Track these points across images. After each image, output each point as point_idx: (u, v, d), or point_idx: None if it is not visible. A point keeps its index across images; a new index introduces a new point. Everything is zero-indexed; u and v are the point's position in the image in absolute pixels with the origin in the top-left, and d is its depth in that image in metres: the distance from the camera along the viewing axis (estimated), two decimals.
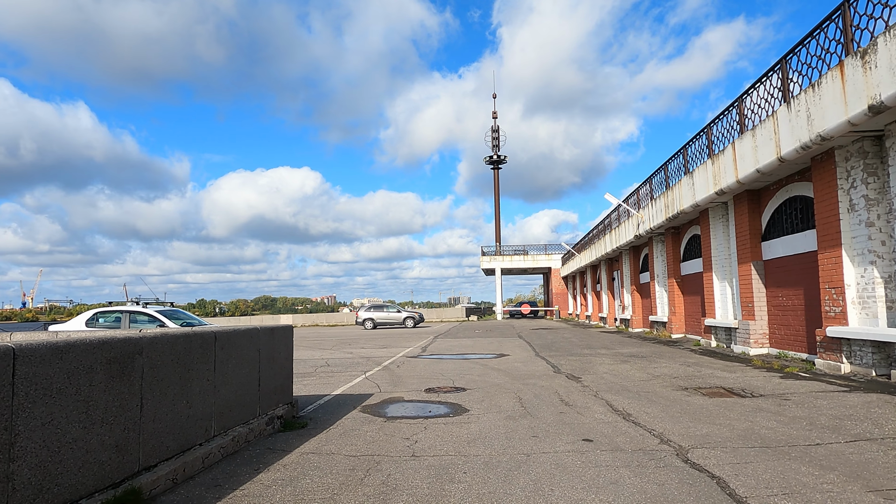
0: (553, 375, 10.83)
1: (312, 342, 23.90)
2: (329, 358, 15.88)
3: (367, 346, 20.58)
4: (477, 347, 18.43)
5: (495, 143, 60.81)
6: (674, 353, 14.74)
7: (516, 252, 54.71)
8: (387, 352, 17.47)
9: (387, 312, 38.30)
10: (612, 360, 13.24)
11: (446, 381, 10.39)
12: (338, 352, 18.09)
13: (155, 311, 12.64)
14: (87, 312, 12.83)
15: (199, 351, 4.83)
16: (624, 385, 9.33)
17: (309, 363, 14.50)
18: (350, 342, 22.99)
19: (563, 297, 53.23)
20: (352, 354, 16.85)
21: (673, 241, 20.01)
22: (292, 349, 7.05)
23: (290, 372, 6.97)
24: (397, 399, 8.53)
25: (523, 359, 14.20)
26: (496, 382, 10.03)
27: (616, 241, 26.88)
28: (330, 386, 10.15)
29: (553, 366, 12.47)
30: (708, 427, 6.02)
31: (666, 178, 18.28)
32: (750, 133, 11.73)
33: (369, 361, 14.49)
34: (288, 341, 6.92)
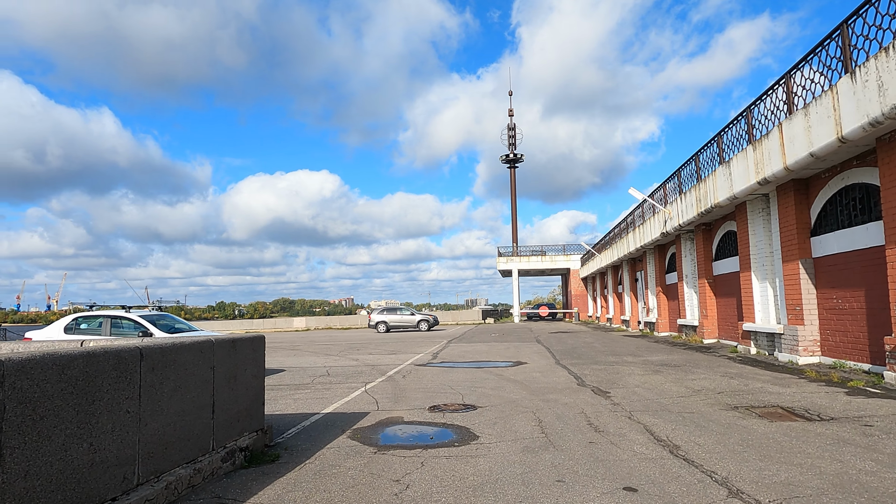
0: (577, 389, 9.50)
1: (320, 347, 22.79)
2: (331, 366, 14.70)
3: (376, 351, 19.39)
4: (492, 354, 17.13)
5: (511, 141, 59.41)
6: (710, 361, 13.29)
7: (534, 253, 53.24)
8: (394, 359, 16.26)
9: (400, 315, 37.14)
10: (643, 370, 11.85)
11: (455, 395, 9.12)
12: (343, 358, 16.92)
13: (139, 317, 11.57)
14: (67, 317, 11.82)
15: (112, 374, 3.63)
16: (661, 403, 7.97)
17: (308, 372, 13.33)
18: (359, 347, 21.84)
19: (583, 298, 51.61)
20: (356, 361, 15.66)
21: (704, 238, 18.50)
22: (263, 364, 5.84)
23: (261, 392, 5.75)
24: (395, 420, 7.28)
25: (542, 368, 12.87)
26: (512, 398, 8.73)
27: (640, 240, 25.37)
28: (322, 402, 8.94)
29: (576, 377, 11.13)
30: (786, 469, 4.67)
31: (697, 170, 16.81)
32: (801, 112, 10.29)
33: (373, 370, 13.27)
34: (257, 355, 5.71)
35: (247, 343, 5.49)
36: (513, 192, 59.45)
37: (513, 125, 59.93)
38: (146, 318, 11.67)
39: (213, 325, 55.96)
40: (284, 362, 16.20)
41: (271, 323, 54.41)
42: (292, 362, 16.11)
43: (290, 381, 11.78)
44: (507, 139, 59.56)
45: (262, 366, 5.81)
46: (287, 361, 16.45)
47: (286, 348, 22.80)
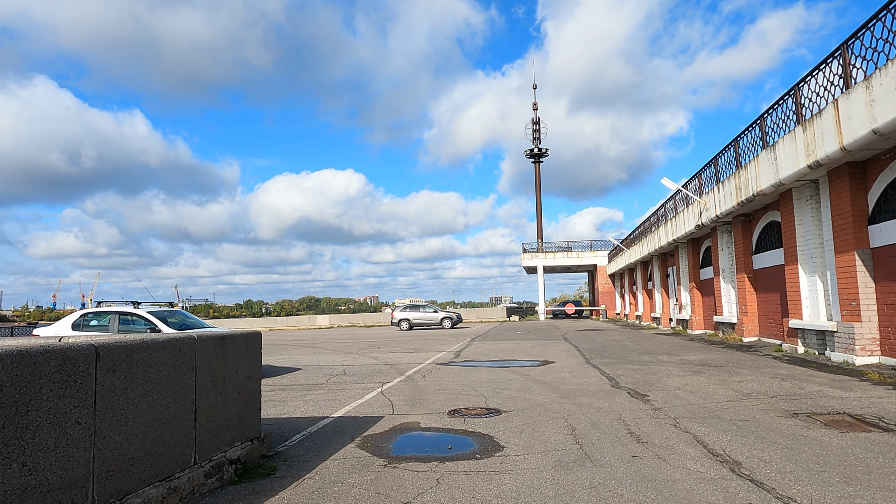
0: (611, 391, 8.67)
1: (341, 345, 22.27)
2: (349, 364, 14.09)
3: (397, 349, 18.75)
4: (517, 352, 16.33)
5: (536, 135, 58.25)
6: (754, 361, 12.29)
7: (559, 249, 52.12)
8: (415, 357, 15.58)
9: (423, 313, 36.52)
10: (681, 371, 10.94)
11: (477, 398, 8.38)
12: (362, 357, 16.31)
13: (147, 313, 11.11)
14: (75, 314, 11.42)
15: (56, 378, 2.99)
16: (709, 408, 7.11)
17: (324, 371, 12.73)
18: (380, 345, 21.24)
19: (610, 295, 50.33)
20: (376, 360, 15.03)
21: (743, 229, 17.39)
22: (259, 364, 5.19)
23: (256, 396, 5.10)
24: (411, 426, 6.58)
25: (572, 367, 12.04)
26: (540, 401, 7.95)
27: (672, 234, 24.24)
28: (334, 404, 8.28)
29: (609, 377, 10.29)
30: (882, 496, 3.82)
31: (737, 157, 15.74)
32: (861, 86, 9.26)
33: (392, 370, 12.61)
34: (252, 354, 5.05)
35: (238, 341, 4.83)
36: (537, 187, 58.31)
37: (537, 119, 58.78)
38: (155, 314, 11.19)
39: (236, 323, 56.21)
40: (302, 360, 15.66)
41: (295, 321, 54.37)
42: (310, 360, 15.56)
43: (304, 380, 11.18)
44: (532, 133, 58.43)
45: (258, 366, 5.15)
46: (305, 360, 15.91)
47: (306, 346, 22.34)
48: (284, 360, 15.77)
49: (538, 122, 58.69)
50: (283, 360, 16.07)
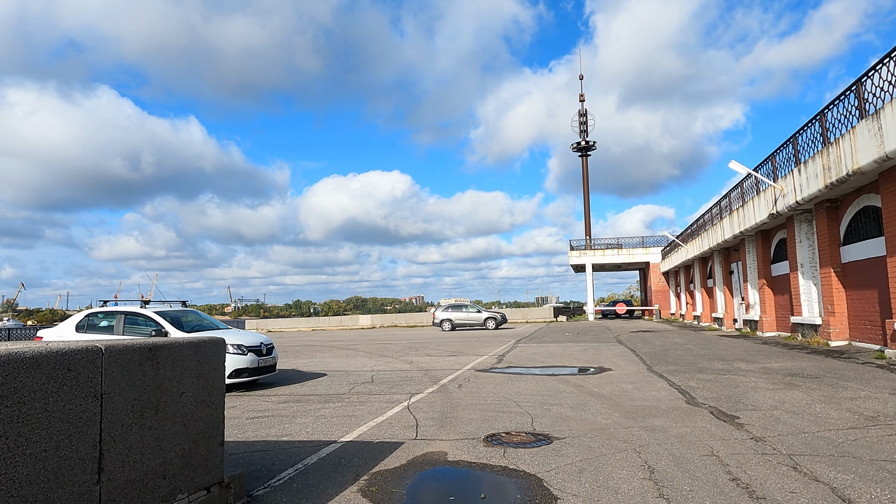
0: (689, 410, 6.99)
1: (377, 347, 21.06)
2: (380, 370, 12.77)
3: (435, 352, 17.36)
4: (567, 356, 14.66)
5: (583, 128, 55.80)
6: (857, 371, 10.26)
7: (609, 246, 49.66)
8: (453, 362, 14.13)
9: (466, 313, 35.05)
10: (769, 383, 9.09)
11: (521, 417, 6.85)
12: (396, 360, 14.99)
13: (155, 313, 10.07)
14: (80, 314, 10.51)
15: None
16: (830, 439, 5.37)
17: (350, 378, 11.44)
18: (417, 347, 19.90)
19: (664, 294, 47.55)
20: (410, 365, 13.66)
21: (829, 217, 15.15)
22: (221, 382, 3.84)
23: (215, 427, 3.75)
24: (435, 458, 5.12)
25: (633, 376, 10.33)
26: (600, 424, 6.36)
27: (738, 226, 21.95)
28: (349, 422, 6.92)
29: (681, 390, 8.56)
30: None
31: (823, 132, 13.58)
32: None
33: (425, 377, 11.19)
34: (209, 369, 3.70)
35: (183, 353, 3.48)
36: (585, 181, 55.90)
37: (584, 111, 56.32)
38: (163, 315, 10.15)
39: (281, 323, 56.22)
40: (330, 364, 14.45)
41: (337, 321, 53.89)
42: (339, 364, 14.34)
43: (324, 389, 9.91)
44: (579, 126, 56.01)
45: (219, 384, 3.80)
46: (333, 364, 14.71)
47: (341, 348, 21.24)
48: (312, 364, 14.62)
49: (585, 114, 56.25)
50: (312, 363, 14.92)
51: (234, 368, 9.59)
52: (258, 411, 7.94)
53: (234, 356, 9.62)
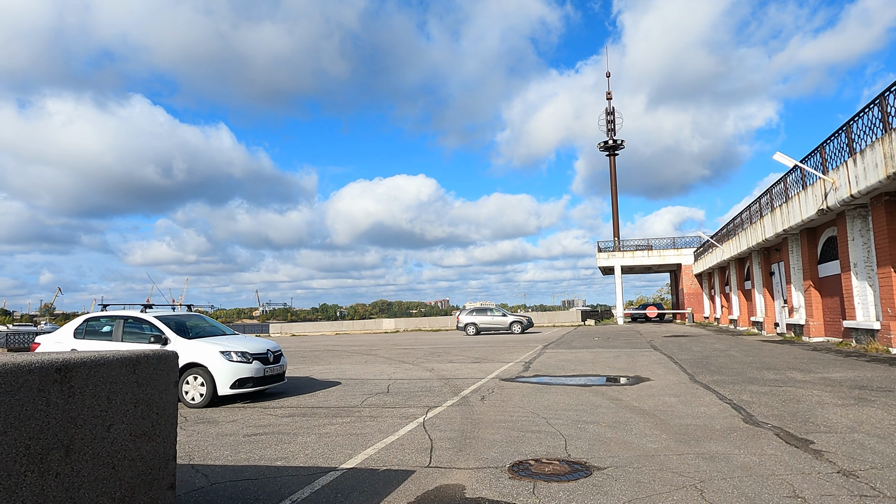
0: (750, 432, 5.97)
1: (398, 352, 20.26)
2: (398, 379, 11.93)
3: (457, 358, 16.46)
4: (599, 363, 13.62)
5: (610, 126, 54.31)
6: None
7: (638, 247, 48.10)
8: (477, 369, 13.22)
9: (491, 316, 34.06)
10: (836, 397, 7.96)
11: (553, 438, 5.92)
12: (416, 368, 14.14)
13: (156, 318, 9.41)
14: (78, 319, 9.92)
15: None
16: None
17: (365, 387, 10.62)
18: (440, 353, 19.03)
19: (697, 297, 45.80)
20: (430, 373, 12.79)
21: (888, 212, 13.83)
22: (169, 407, 3.02)
23: (162, 465, 2.94)
24: (450, 493, 4.24)
25: (675, 387, 9.28)
26: (646, 448, 5.39)
27: (780, 224, 20.56)
28: (355, 443, 6.08)
29: (734, 405, 7.52)
30: None
31: (884, 117, 12.32)
32: None
33: (445, 387, 10.31)
34: (147, 394, 2.89)
35: (112, 373, 2.67)
36: (613, 181, 54.42)
37: (611, 109, 54.81)
38: (166, 319, 9.48)
39: (305, 327, 55.97)
40: (346, 372, 13.67)
41: (360, 325, 53.36)
42: (355, 372, 13.55)
43: (335, 400, 9.10)
44: (606, 124, 54.54)
45: (168, 412, 3.00)
46: (350, 371, 13.92)
47: (361, 353, 20.50)
48: (327, 372, 13.86)
49: (612, 113, 54.74)
50: (327, 371, 14.17)
51: (238, 378, 8.85)
52: (258, 427, 7.17)
53: (237, 364, 8.89)
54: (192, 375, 8.84)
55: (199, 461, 5.54)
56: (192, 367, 8.89)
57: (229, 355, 8.91)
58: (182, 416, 8.17)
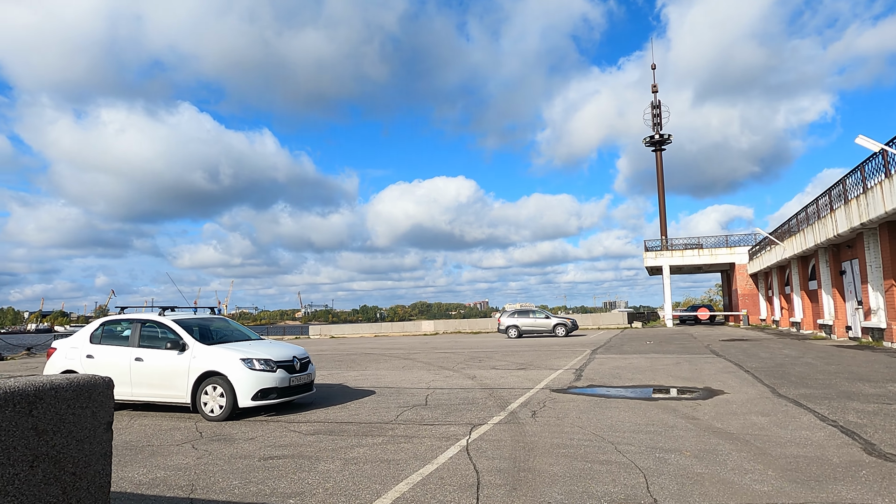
0: (881, 468, 4.69)
1: (437, 356, 19.28)
2: (437, 388, 10.92)
3: (501, 364, 15.35)
4: (659, 372, 12.29)
5: (656, 120, 52.05)
6: None
7: (687, 246, 45.84)
8: (523, 377, 12.08)
9: (534, 318, 32.73)
10: None
11: (627, 473, 4.78)
12: (457, 374, 13.11)
13: (174, 322, 8.67)
14: (95, 323, 9.28)
15: None
16: None
17: (401, 398, 9.64)
18: (482, 358, 17.95)
19: (752, 298, 43.27)
20: (472, 381, 11.73)
21: None
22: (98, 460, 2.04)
23: None
24: None
25: (758, 403, 7.94)
26: (754, 492, 4.19)
27: (858, 217, 18.64)
28: (385, 473, 5.06)
29: (843, 429, 6.19)
30: None
31: None
32: None
33: (490, 398, 9.24)
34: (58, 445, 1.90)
35: None
36: (659, 178, 52.15)
37: (657, 102, 52.54)
38: (185, 323, 8.73)
39: (344, 329, 55.73)
40: (383, 379, 12.75)
41: (399, 327, 52.69)
42: (392, 379, 12.62)
43: (367, 414, 8.15)
44: (652, 118, 52.31)
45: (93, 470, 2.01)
46: (386, 377, 12.99)
47: (400, 357, 19.60)
48: (362, 378, 12.97)
49: (658, 106, 52.46)
50: (362, 377, 13.28)
51: (260, 388, 8.00)
52: (277, 447, 6.26)
53: (259, 374, 8.04)
54: (212, 385, 8.03)
55: (202, 495, 4.65)
56: (212, 375, 8.09)
57: (251, 363, 8.07)
58: (198, 431, 7.36)
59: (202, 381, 8.11)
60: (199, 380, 8.11)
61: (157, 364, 8.34)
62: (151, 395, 8.41)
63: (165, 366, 8.29)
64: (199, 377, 8.09)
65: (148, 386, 8.37)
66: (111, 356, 8.65)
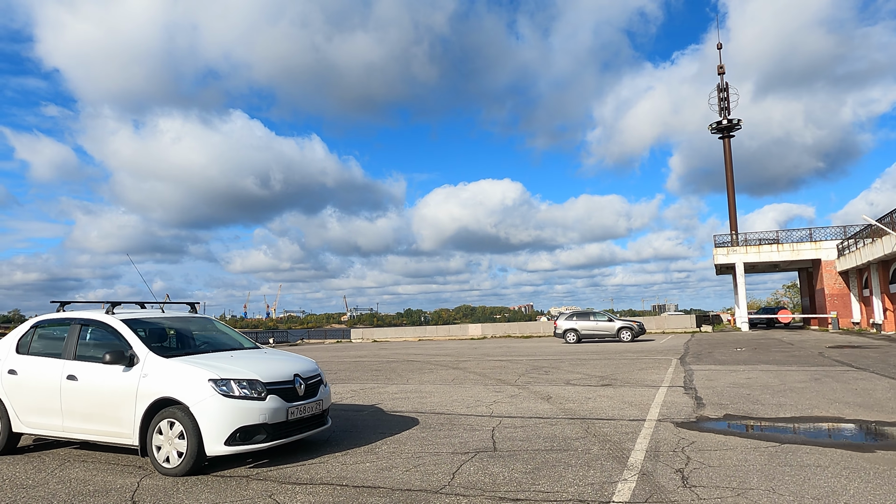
0: None
1: (491, 365, 16.19)
2: (503, 416, 7.84)
3: (574, 376, 12.15)
4: (804, 392, 8.84)
5: (723, 104, 47.32)
6: None
7: (763, 241, 41.21)
8: (617, 399, 8.86)
9: (595, 322, 29.21)
10: None
11: None
12: (525, 392, 10.01)
13: (122, 323, 5.92)
14: (25, 324, 6.62)
15: None
16: None
17: (455, 437, 6.61)
18: (546, 368, 14.77)
19: (842, 299, 38.33)
20: (550, 404, 8.60)
21: None
22: None
23: None
24: None
25: None
26: None
27: None
28: None
29: None
30: None
31: None
32: None
33: (590, 437, 6.09)
34: None
35: None
36: (728, 167, 47.42)
37: (724, 85, 47.77)
38: (136, 324, 5.98)
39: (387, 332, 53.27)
40: (428, 399, 9.75)
41: (445, 330, 49.78)
42: (440, 399, 9.61)
43: (403, 471, 5.17)
44: (718, 103, 47.60)
45: None
46: (433, 396, 9.99)
47: (447, 366, 16.61)
48: (403, 397, 10.02)
49: (726, 89, 47.73)
50: (403, 395, 10.33)
51: (240, 426, 5.13)
52: None
53: (238, 403, 5.18)
54: (168, 420, 5.23)
55: None
56: (170, 404, 5.28)
57: (226, 386, 5.22)
58: (133, 501, 4.54)
59: (154, 413, 5.32)
60: (152, 410, 5.33)
61: (93, 384, 5.61)
62: (87, 431, 5.68)
63: (104, 387, 5.55)
64: (150, 406, 5.31)
65: (82, 417, 5.64)
66: (39, 372, 5.99)
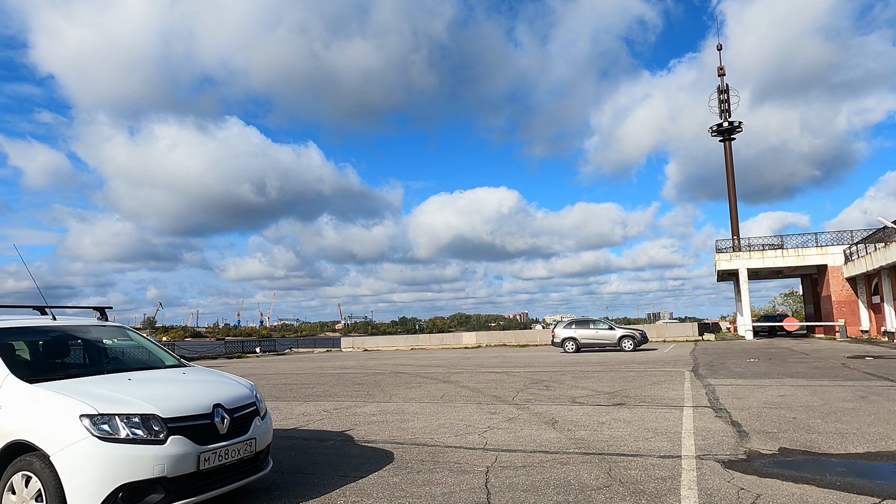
0: None
1: (486, 379, 14.64)
2: (500, 448, 6.29)
3: (580, 393, 10.63)
4: (857, 415, 7.36)
5: (724, 106, 46.14)
6: None
7: (766, 246, 39.93)
8: (637, 424, 7.34)
9: (595, 330, 27.71)
10: None
11: None
12: (525, 414, 8.48)
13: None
14: None
15: None
16: None
17: (439, 479, 5.06)
18: (547, 382, 13.24)
19: (850, 306, 37.01)
20: (557, 432, 7.06)
21: None
22: None
23: None
24: None
25: None
26: None
27: None
28: None
29: None
30: None
31: None
32: None
33: (611, 481, 4.56)
34: None
35: None
36: (729, 171, 46.18)
37: (725, 87, 46.63)
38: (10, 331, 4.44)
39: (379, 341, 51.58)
40: (410, 421, 8.19)
41: (438, 339, 48.13)
42: (424, 422, 8.05)
43: None
44: (719, 105, 46.43)
45: None
46: (416, 419, 8.42)
47: (437, 378, 15.06)
48: (380, 421, 8.44)
49: (727, 91, 46.59)
50: (380, 417, 8.76)
51: (122, 482, 3.58)
52: None
53: (122, 449, 3.63)
54: (23, 473, 3.67)
55: None
56: (26, 450, 3.73)
57: (108, 425, 3.68)
58: None
59: (8, 461, 3.77)
60: (3, 458, 3.77)
61: None
62: None
63: None
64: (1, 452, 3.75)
65: None
66: None
